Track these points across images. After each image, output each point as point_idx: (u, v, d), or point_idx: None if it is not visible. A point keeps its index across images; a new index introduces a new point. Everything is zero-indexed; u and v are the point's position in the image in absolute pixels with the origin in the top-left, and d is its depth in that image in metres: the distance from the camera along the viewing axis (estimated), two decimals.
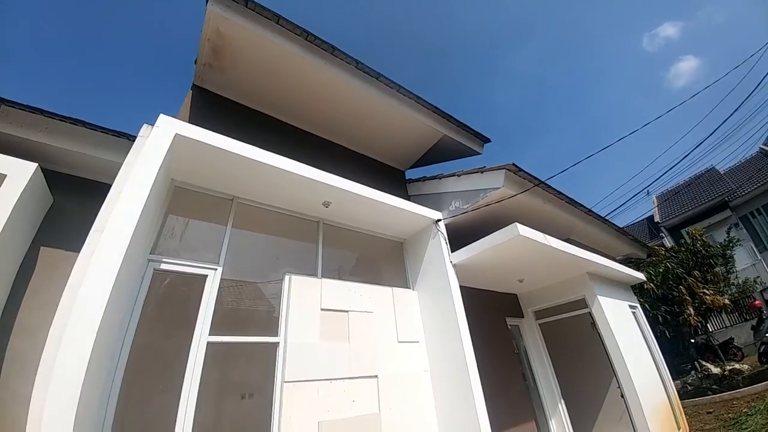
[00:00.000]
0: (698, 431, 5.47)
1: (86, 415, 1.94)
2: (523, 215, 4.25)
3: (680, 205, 16.89)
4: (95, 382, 2.07)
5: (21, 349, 2.37)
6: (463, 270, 4.23)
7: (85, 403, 1.87)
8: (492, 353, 4.67)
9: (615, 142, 4.18)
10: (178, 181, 3.20)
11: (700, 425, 5.69)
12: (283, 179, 3.31)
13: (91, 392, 1.98)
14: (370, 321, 3.72)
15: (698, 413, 6.37)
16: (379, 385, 3.41)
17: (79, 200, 2.88)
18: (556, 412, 5.16)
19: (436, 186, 4.95)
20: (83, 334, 1.88)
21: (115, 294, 2.11)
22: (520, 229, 3.62)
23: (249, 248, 4.03)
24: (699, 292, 8.35)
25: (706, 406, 6.62)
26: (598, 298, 4.96)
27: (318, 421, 2.91)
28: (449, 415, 3.54)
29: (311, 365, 3.10)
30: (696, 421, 5.95)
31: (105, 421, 2.20)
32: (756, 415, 4.88)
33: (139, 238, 2.40)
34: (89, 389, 1.92)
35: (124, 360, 2.40)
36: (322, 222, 4.08)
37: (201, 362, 2.64)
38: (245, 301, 6.49)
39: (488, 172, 4.10)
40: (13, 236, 2.45)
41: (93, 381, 1.99)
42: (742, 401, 6.08)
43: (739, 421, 5.07)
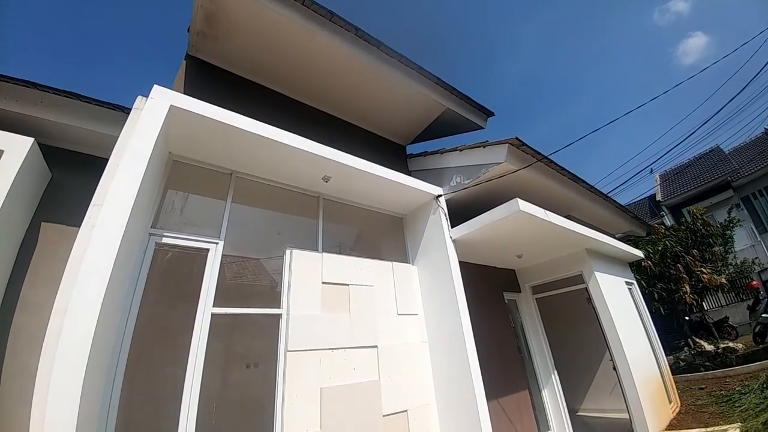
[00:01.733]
0: (690, 406, 5.52)
1: (93, 385, 2.00)
2: (524, 191, 4.23)
3: (683, 184, 16.76)
4: (102, 353, 2.12)
5: (26, 323, 2.41)
6: (462, 245, 4.26)
7: (92, 373, 1.92)
8: (489, 326, 4.79)
9: (622, 116, 4.08)
10: (176, 154, 3.15)
11: (692, 400, 5.76)
12: (282, 153, 3.26)
13: (97, 363, 2.03)
14: (370, 294, 3.79)
15: (690, 388, 6.46)
16: (379, 355, 3.53)
17: (78, 175, 2.87)
18: (549, 382, 5.36)
19: (437, 161, 4.89)
20: (87, 306, 1.91)
21: (118, 267, 2.12)
22: (520, 204, 3.61)
23: (250, 224, 4.04)
24: (696, 270, 8.43)
25: (698, 382, 6.70)
26: (595, 274, 5.03)
27: (320, 387, 3.03)
28: (446, 384, 3.68)
29: (313, 336, 3.19)
30: (688, 395, 6.04)
31: (113, 391, 2.27)
32: (750, 394, 4.81)
33: (138, 212, 2.39)
34: (96, 360, 1.96)
35: (130, 332, 2.46)
36: (322, 197, 4.06)
37: (206, 333, 2.70)
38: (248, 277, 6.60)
39: (491, 147, 4.04)
40: (13, 212, 2.46)
41: (99, 352, 2.03)
42: (735, 379, 6.09)
43: (731, 399, 5.03)
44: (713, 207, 14.39)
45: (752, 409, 4.26)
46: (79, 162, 2.98)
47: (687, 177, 17.05)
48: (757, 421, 3.76)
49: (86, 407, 1.84)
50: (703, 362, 7.36)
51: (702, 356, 7.54)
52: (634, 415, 4.44)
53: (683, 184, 16.80)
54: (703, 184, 15.51)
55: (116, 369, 2.33)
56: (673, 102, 4.52)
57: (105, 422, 2.19)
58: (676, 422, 4.86)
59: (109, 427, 2.20)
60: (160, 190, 3.00)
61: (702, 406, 5.34)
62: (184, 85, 3.71)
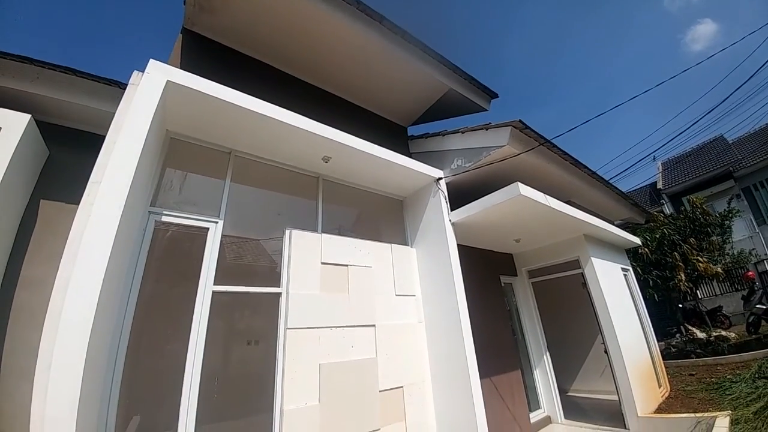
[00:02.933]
0: (679, 391, 5.55)
1: (96, 360, 2.02)
2: (525, 175, 4.20)
3: (684, 173, 16.70)
4: (104, 330, 2.14)
5: (27, 300, 2.43)
6: (461, 229, 4.27)
7: (95, 349, 1.94)
8: (485, 309, 4.88)
9: (627, 100, 4.00)
10: (173, 132, 3.11)
11: (681, 385, 5.79)
12: (281, 132, 3.21)
13: (100, 339, 2.06)
14: (368, 275, 3.83)
15: (680, 374, 6.49)
16: (377, 333, 3.60)
17: (76, 152, 2.84)
18: (541, 363, 5.51)
19: (438, 143, 4.83)
20: (89, 283, 1.92)
21: (118, 244, 2.13)
22: (521, 188, 3.59)
23: (249, 204, 4.03)
24: (693, 259, 8.49)
25: (689, 369, 6.73)
26: (592, 260, 5.08)
27: (319, 364, 3.11)
28: (441, 362, 3.78)
29: (312, 314, 3.25)
30: (678, 381, 6.07)
31: (116, 366, 2.31)
32: (741, 383, 4.78)
33: (137, 189, 2.38)
34: (98, 336, 1.99)
35: (131, 308, 2.49)
36: (322, 178, 4.03)
37: (207, 311, 2.75)
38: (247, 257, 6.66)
39: (493, 129, 3.98)
40: (12, 189, 2.45)
41: (101, 328, 2.06)
42: (726, 367, 6.11)
43: (722, 387, 5.01)
44: (714, 197, 14.36)
45: (743, 398, 4.23)
46: (77, 139, 2.94)
47: (689, 166, 16.96)
48: (747, 411, 3.73)
49: (89, 383, 1.87)
50: (694, 349, 7.42)
51: (694, 343, 7.61)
52: (624, 397, 4.56)
53: (685, 172, 16.73)
54: (704, 173, 15.45)
55: (118, 345, 2.36)
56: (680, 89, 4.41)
57: (108, 397, 2.24)
58: (665, 406, 4.93)
59: (112, 401, 2.25)
60: (158, 167, 2.97)
61: (692, 392, 5.35)
62: (180, 60, 3.61)
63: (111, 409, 2.24)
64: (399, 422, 3.44)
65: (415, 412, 3.59)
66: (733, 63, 4.52)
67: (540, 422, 5.02)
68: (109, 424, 2.20)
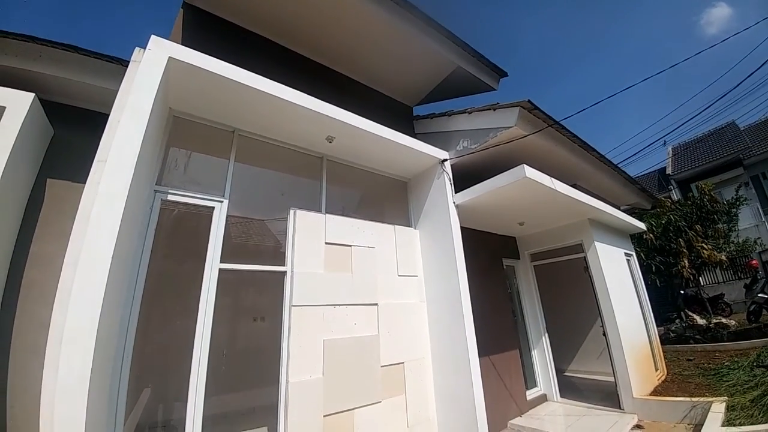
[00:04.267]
0: (676, 375, 5.59)
1: (107, 335, 2.07)
2: (532, 158, 4.13)
3: (694, 159, 16.39)
4: (114, 305, 2.19)
5: (37, 277, 2.47)
6: (465, 211, 4.26)
7: (106, 324, 1.99)
8: (486, 290, 4.94)
9: (640, 81, 3.86)
10: (176, 110, 3.08)
11: (679, 370, 5.84)
12: (285, 110, 3.17)
13: (110, 314, 2.11)
14: (372, 255, 3.87)
15: (678, 359, 6.51)
16: (379, 312, 3.69)
17: (80, 131, 2.84)
18: (539, 344, 5.62)
19: (444, 124, 4.75)
20: (98, 260, 1.96)
21: (126, 222, 2.17)
22: (527, 171, 3.54)
23: (253, 184, 4.05)
24: (697, 245, 8.43)
25: (687, 354, 6.75)
26: (595, 244, 5.07)
27: (323, 340, 3.21)
28: (441, 340, 3.88)
29: (316, 292, 3.32)
30: (675, 365, 6.11)
31: (126, 342, 2.38)
32: (739, 370, 4.76)
33: (142, 168, 2.39)
34: (108, 311, 2.03)
35: (141, 285, 2.54)
36: (326, 158, 4.01)
37: (214, 288, 2.81)
38: (252, 237, 6.76)
39: (501, 110, 3.89)
40: (19, 168, 2.46)
41: (112, 304, 2.10)
42: (725, 354, 6.09)
43: (719, 373, 5.00)
44: (722, 184, 14.14)
45: (740, 385, 4.22)
46: (81, 118, 2.94)
47: (699, 151, 16.62)
48: (744, 398, 3.70)
49: (100, 356, 1.93)
50: (693, 335, 7.44)
51: (693, 329, 7.62)
52: (620, 378, 4.65)
53: (694, 158, 16.42)
54: (714, 159, 15.15)
55: (129, 320, 2.43)
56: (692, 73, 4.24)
57: (119, 370, 2.32)
58: (661, 389, 4.99)
59: (124, 374, 2.33)
60: (162, 146, 2.97)
61: (688, 376, 5.38)
62: (181, 36, 3.53)
63: (122, 382, 2.33)
64: (399, 396, 3.58)
65: (415, 387, 3.72)
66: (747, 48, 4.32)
67: (536, 399, 5.19)
68: (120, 395, 2.30)
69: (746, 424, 3.16)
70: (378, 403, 3.37)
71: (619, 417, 4.36)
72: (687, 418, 4.00)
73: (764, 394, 3.54)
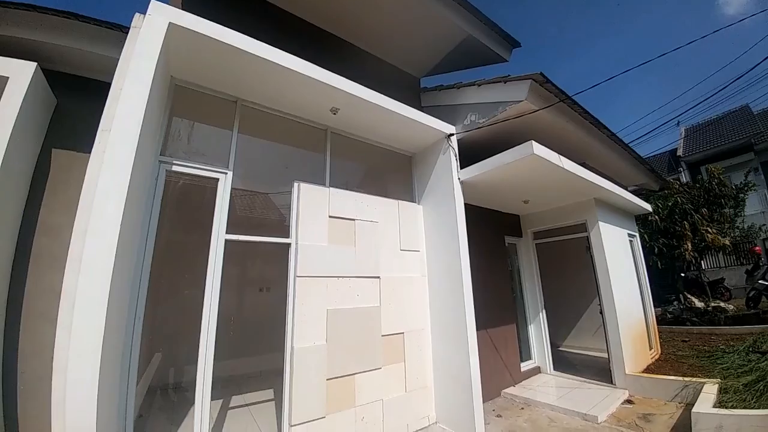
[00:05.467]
0: (670, 355, 5.64)
1: (118, 302, 2.14)
2: (540, 135, 4.04)
3: (705, 141, 16.01)
4: (124, 273, 2.25)
5: (47, 246, 2.53)
6: (470, 188, 4.23)
7: (117, 291, 2.05)
8: (487, 266, 5.01)
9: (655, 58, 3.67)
10: (178, 79, 3.02)
11: (673, 350, 5.91)
12: (288, 79, 3.09)
13: (121, 281, 2.16)
14: (375, 230, 3.91)
15: (673, 339, 6.56)
16: (381, 285, 3.78)
17: (83, 100, 2.83)
18: (536, 320, 5.76)
19: (452, 96, 4.60)
20: (107, 228, 1.99)
21: (132, 192, 2.18)
22: (535, 147, 3.47)
23: (257, 156, 4.03)
24: (702, 229, 8.38)
25: (682, 335, 6.79)
26: (599, 224, 5.05)
27: (327, 309, 3.32)
28: (441, 313, 3.99)
29: (321, 264, 3.39)
30: (670, 345, 6.18)
31: (137, 309, 2.47)
32: (734, 354, 4.75)
33: (146, 137, 2.39)
34: (119, 279, 2.09)
35: (149, 254, 2.60)
36: (330, 130, 3.95)
37: (221, 259, 2.87)
38: (257, 210, 6.83)
39: (512, 83, 3.75)
40: (24, 138, 2.47)
41: (122, 271, 2.16)
42: (721, 338, 6.12)
43: (714, 355, 5.01)
44: (731, 168, 13.84)
45: (734, 369, 4.20)
46: (84, 87, 2.90)
47: (710, 134, 16.20)
48: (738, 382, 3.69)
49: (112, 322, 2.00)
50: (690, 317, 7.51)
51: (690, 311, 7.68)
52: (613, 355, 4.76)
53: (706, 141, 16.03)
54: (725, 143, 14.78)
55: (139, 287, 2.51)
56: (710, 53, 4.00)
57: (131, 336, 2.41)
58: (654, 367, 5.08)
59: (135, 340, 2.44)
60: (165, 116, 2.94)
61: (682, 357, 5.41)
62: (182, 1, 3.38)
63: (134, 346, 2.43)
64: (399, 363, 3.74)
65: (414, 356, 3.88)
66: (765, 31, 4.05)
67: (530, 371, 5.39)
68: (132, 359, 2.41)
69: (738, 408, 3.15)
70: (378, 369, 3.54)
71: (611, 391, 4.52)
72: (678, 396, 4.09)
73: (758, 380, 3.53)
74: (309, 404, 3.02)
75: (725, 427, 2.98)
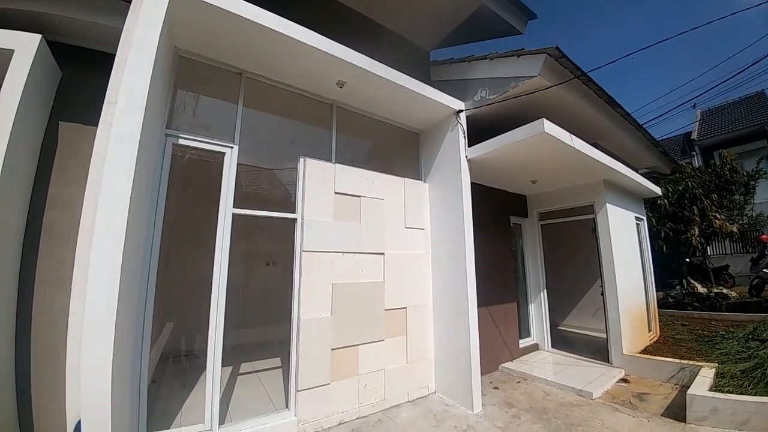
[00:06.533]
0: (669, 338, 5.64)
1: (130, 272, 2.19)
2: (551, 113, 3.90)
3: (720, 126, 15.53)
4: (135, 244, 2.30)
5: (58, 219, 2.56)
6: (477, 166, 4.18)
7: (129, 261, 2.10)
8: (491, 246, 5.04)
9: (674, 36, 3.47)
10: (182, 50, 2.96)
11: (672, 333, 5.88)
12: (293, 50, 3.00)
13: (133, 252, 2.22)
14: (380, 207, 3.92)
15: (673, 323, 6.53)
16: (385, 261, 3.84)
17: (88, 72, 2.79)
18: (537, 299, 5.85)
19: (463, 71, 4.45)
20: (117, 200, 2.02)
21: (141, 164, 2.20)
22: (546, 125, 3.38)
23: (262, 131, 3.98)
24: (710, 214, 8.26)
25: (683, 319, 6.75)
26: (607, 206, 4.99)
27: (332, 283, 3.40)
28: (443, 290, 4.07)
29: (326, 239, 3.44)
30: (669, 329, 6.18)
31: (149, 280, 2.55)
32: (733, 340, 4.73)
33: (152, 109, 2.38)
34: (131, 250, 2.14)
35: (159, 226, 2.66)
36: (336, 105, 3.88)
37: (229, 232, 2.93)
38: (263, 186, 6.84)
39: (525, 57, 3.60)
40: (31, 111, 2.46)
41: (133, 242, 2.21)
42: (721, 324, 6.05)
43: (713, 340, 5.00)
44: (744, 154, 13.45)
45: (732, 355, 4.20)
46: (88, 58, 2.86)
47: (726, 119, 15.68)
48: (735, 367, 3.69)
49: (125, 290, 2.07)
50: (692, 302, 7.52)
51: (693, 296, 7.69)
52: (611, 334, 4.82)
53: (721, 125, 15.54)
54: (739, 128, 14.31)
55: (150, 259, 2.58)
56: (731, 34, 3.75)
57: (144, 305, 2.51)
58: (651, 349, 5.13)
59: (148, 309, 2.53)
60: (170, 88, 2.91)
61: (681, 340, 5.41)
62: None
63: (147, 315, 2.54)
64: (401, 336, 3.86)
65: (416, 330, 4.00)
66: None
67: (528, 348, 5.54)
68: (146, 327, 2.52)
69: (735, 393, 3.14)
70: (381, 341, 3.66)
71: (606, 370, 4.62)
72: (674, 378, 4.15)
73: (756, 367, 3.52)
74: (314, 372, 3.17)
75: (720, 410, 3.01)
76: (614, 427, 3.15)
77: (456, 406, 3.65)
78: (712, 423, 3.04)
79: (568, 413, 3.47)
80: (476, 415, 3.46)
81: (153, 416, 2.72)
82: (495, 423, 3.29)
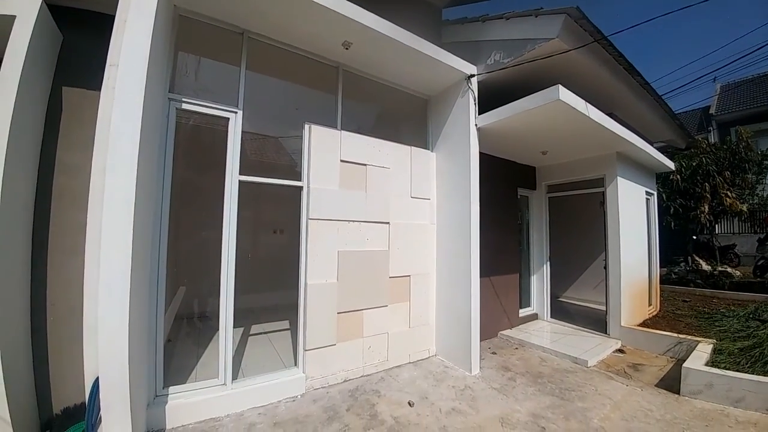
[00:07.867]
0: (668, 312, 5.65)
1: (142, 236, 2.23)
2: (567, 80, 3.71)
3: (738, 101, 14.79)
4: (145, 208, 2.33)
5: (67, 184, 2.57)
6: (486, 135, 4.07)
7: (140, 225, 2.14)
8: (497, 217, 5.04)
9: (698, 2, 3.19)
10: (182, 8, 2.82)
11: (672, 308, 5.90)
12: (297, 7, 2.84)
13: (143, 216, 2.26)
14: (386, 176, 3.89)
15: (674, 299, 6.56)
16: (390, 230, 3.88)
17: (89, 35, 2.69)
18: (540, 270, 5.92)
19: (476, 31, 4.20)
20: (124, 165, 2.04)
21: (145, 130, 2.19)
22: (561, 92, 3.22)
23: (267, 96, 3.88)
24: (722, 192, 8.07)
25: (684, 295, 6.80)
26: (618, 179, 4.88)
27: (338, 251, 3.46)
28: (447, 260, 4.13)
29: (332, 208, 3.46)
30: (669, 304, 6.16)
31: (160, 245, 2.62)
32: (733, 319, 4.73)
33: (154, 72, 2.33)
34: (141, 214, 2.18)
35: (167, 192, 2.69)
36: (342, 68, 3.73)
37: (236, 199, 2.95)
38: (268, 154, 6.79)
39: (544, 17, 3.38)
40: (35, 76, 2.41)
41: (143, 206, 2.24)
42: (722, 302, 6.07)
43: (713, 318, 4.99)
44: (761, 133, 12.89)
45: (731, 333, 4.20)
46: (89, 21, 2.75)
47: (746, 95, 14.89)
48: (733, 345, 3.69)
49: (138, 255, 2.12)
50: (695, 279, 7.57)
51: (696, 274, 7.73)
52: (611, 307, 4.89)
53: (739, 101, 14.79)
54: (758, 105, 13.64)
55: (160, 224, 2.64)
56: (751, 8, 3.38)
57: (156, 269, 2.60)
58: (650, 322, 5.18)
59: (161, 273, 2.62)
60: (171, 49, 2.81)
61: (680, 315, 5.42)
62: None
63: (160, 277, 2.63)
64: (404, 302, 3.98)
65: (419, 297, 4.12)
66: None
67: (527, 317, 5.70)
68: (159, 289, 2.63)
69: (731, 370, 3.14)
70: (384, 307, 3.79)
71: (603, 340, 4.75)
72: (671, 351, 4.22)
73: (755, 346, 3.53)
74: (321, 333, 3.32)
75: (716, 386, 3.05)
76: (607, 394, 3.28)
77: (455, 368, 3.84)
78: (707, 397, 3.09)
79: (562, 378, 3.62)
80: (474, 376, 3.64)
81: (169, 373, 2.91)
82: (491, 384, 3.46)
